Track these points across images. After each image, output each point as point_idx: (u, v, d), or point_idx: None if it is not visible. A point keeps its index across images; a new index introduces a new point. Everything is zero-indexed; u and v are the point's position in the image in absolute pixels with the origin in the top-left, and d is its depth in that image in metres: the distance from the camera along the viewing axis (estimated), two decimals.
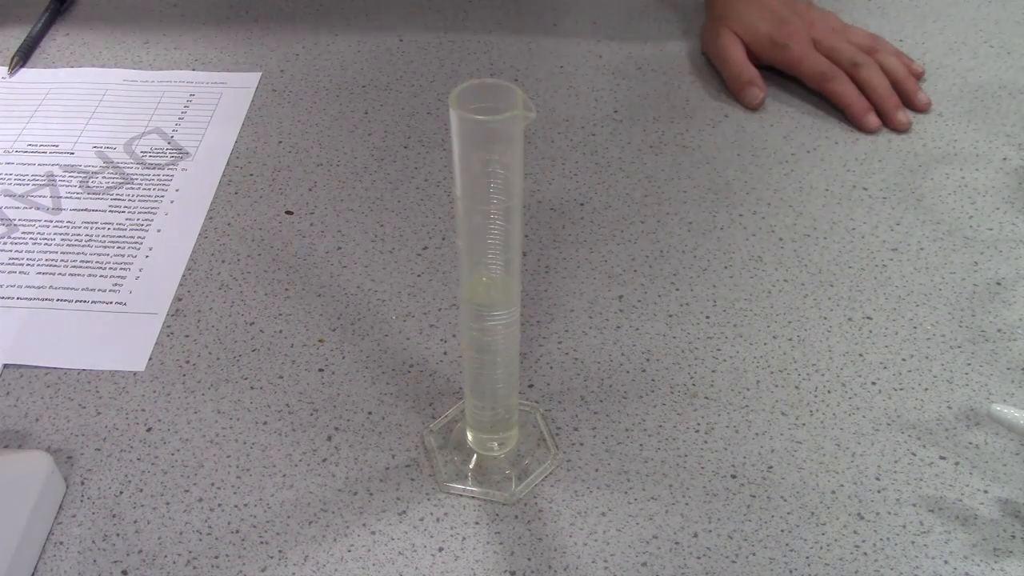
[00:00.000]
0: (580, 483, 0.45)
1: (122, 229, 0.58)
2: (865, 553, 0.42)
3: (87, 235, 0.58)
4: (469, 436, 0.46)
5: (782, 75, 0.70)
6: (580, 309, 0.53)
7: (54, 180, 0.62)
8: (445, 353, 0.51)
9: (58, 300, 0.54)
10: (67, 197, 0.60)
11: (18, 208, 0.60)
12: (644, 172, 0.62)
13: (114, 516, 0.44)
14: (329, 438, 0.47)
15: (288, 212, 0.60)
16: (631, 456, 0.46)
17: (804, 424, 0.48)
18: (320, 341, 0.52)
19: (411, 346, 0.51)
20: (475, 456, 0.46)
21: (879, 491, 0.45)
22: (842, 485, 0.45)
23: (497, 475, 0.45)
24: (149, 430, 0.48)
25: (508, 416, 0.44)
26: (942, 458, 0.46)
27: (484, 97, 0.34)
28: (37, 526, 0.42)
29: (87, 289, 0.54)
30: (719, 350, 0.51)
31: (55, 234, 0.58)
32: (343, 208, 0.60)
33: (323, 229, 0.58)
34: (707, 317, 0.53)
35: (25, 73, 0.72)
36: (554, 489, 0.45)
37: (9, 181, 0.62)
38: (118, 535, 0.43)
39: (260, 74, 0.71)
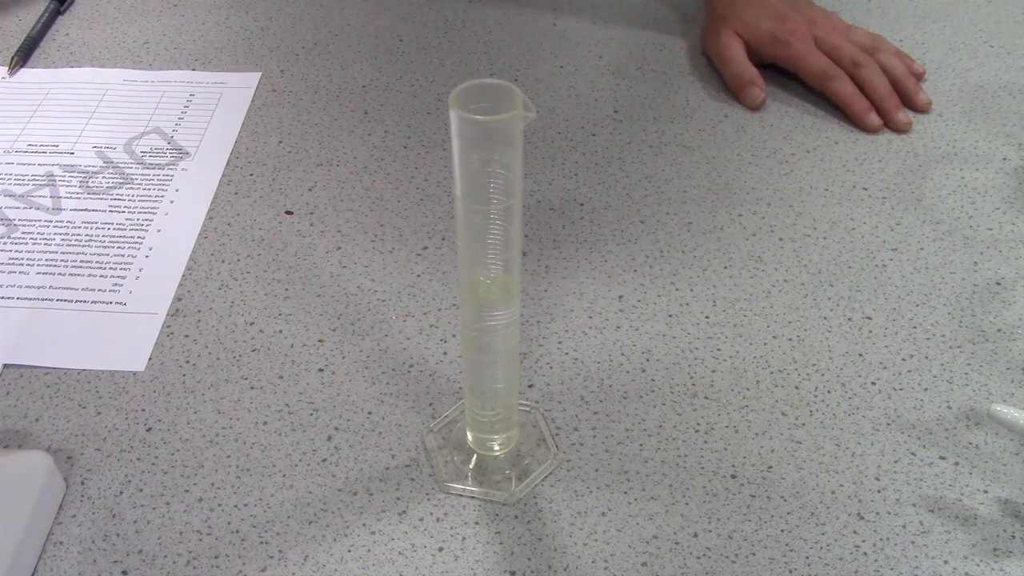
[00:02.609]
0: (580, 483, 0.45)
1: (122, 229, 0.58)
2: (865, 553, 0.42)
3: (87, 235, 0.58)
4: (469, 436, 0.46)
5: (783, 75, 0.70)
6: (580, 309, 0.53)
7: (54, 180, 0.62)
8: (445, 353, 0.51)
9: (58, 300, 0.54)
10: (67, 197, 0.60)
11: (18, 208, 0.60)
12: (644, 172, 0.62)
13: (114, 516, 0.44)
14: (329, 438, 0.47)
15: (288, 212, 0.60)
16: (631, 456, 0.46)
17: (804, 424, 0.48)
18: (320, 341, 0.52)
19: (411, 346, 0.51)
20: (475, 456, 0.46)
21: (879, 491, 0.45)
22: (842, 485, 0.45)
23: (497, 475, 0.45)
24: (149, 430, 0.48)
25: (508, 416, 0.44)
26: (942, 458, 0.46)
27: (484, 97, 0.34)
28: (37, 526, 0.42)
29: (87, 289, 0.54)
30: (719, 350, 0.51)
31: (55, 234, 0.58)
32: (343, 208, 0.60)
33: (323, 229, 0.58)
34: (707, 317, 0.53)
35: (25, 73, 0.72)
36: (554, 489, 0.45)
37: (9, 181, 0.62)
38: (118, 535, 0.43)
39: (260, 74, 0.71)
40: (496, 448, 0.45)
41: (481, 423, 0.44)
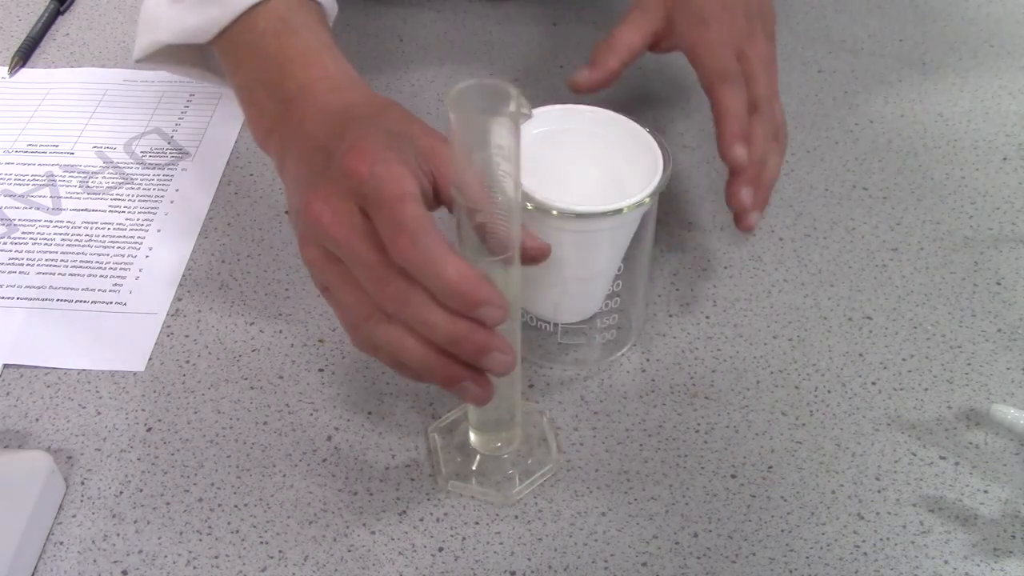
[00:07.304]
0: (580, 483, 0.45)
1: (122, 229, 0.58)
2: (865, 553, 0.42)
3: (87, 235, 0.58)
4: (471, 436, 0.46)
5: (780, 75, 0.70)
6: None
7: (54, 180, 0.62)
8: None
9: (58, 300, 0.54)
10: (67, 197, 0.60)
11: (18, 208, 0.60)
12: None
13: (114, 516, 0.44)
14: (329, 438, 0.47)
15: (288, 212, 0.60)
16: (631, 456, 0.46)
17: (804, 424, 0.48)
18: (320, 341, 0.52)
19: None
20: (477, 456, 0.46)
21: (879, 491, 0.45)
22: (842, 485, 0.45)
23: (499, 475, 0.45)
24: (149, 430, 0.48)
25: (510, 417, 0.44)
26: (942, 458, 0.46)
27: (484, 97, 0.34)
28: (37, 526, 0.42)
29: (87, 289, 0.54)
30: (719, 350, 0.51)
31: (55, 234, 0.58)
32: None
33: None
34: (707, 317, 0.53)
35: (25, 73, 0.72)
36: (554, 489, 0.45)
37: (9, 181, 0.62)
38: (118, 535, 0.43)
39: None
40: (498, 448, 0.45)
41: (483, 423, 0.44)
